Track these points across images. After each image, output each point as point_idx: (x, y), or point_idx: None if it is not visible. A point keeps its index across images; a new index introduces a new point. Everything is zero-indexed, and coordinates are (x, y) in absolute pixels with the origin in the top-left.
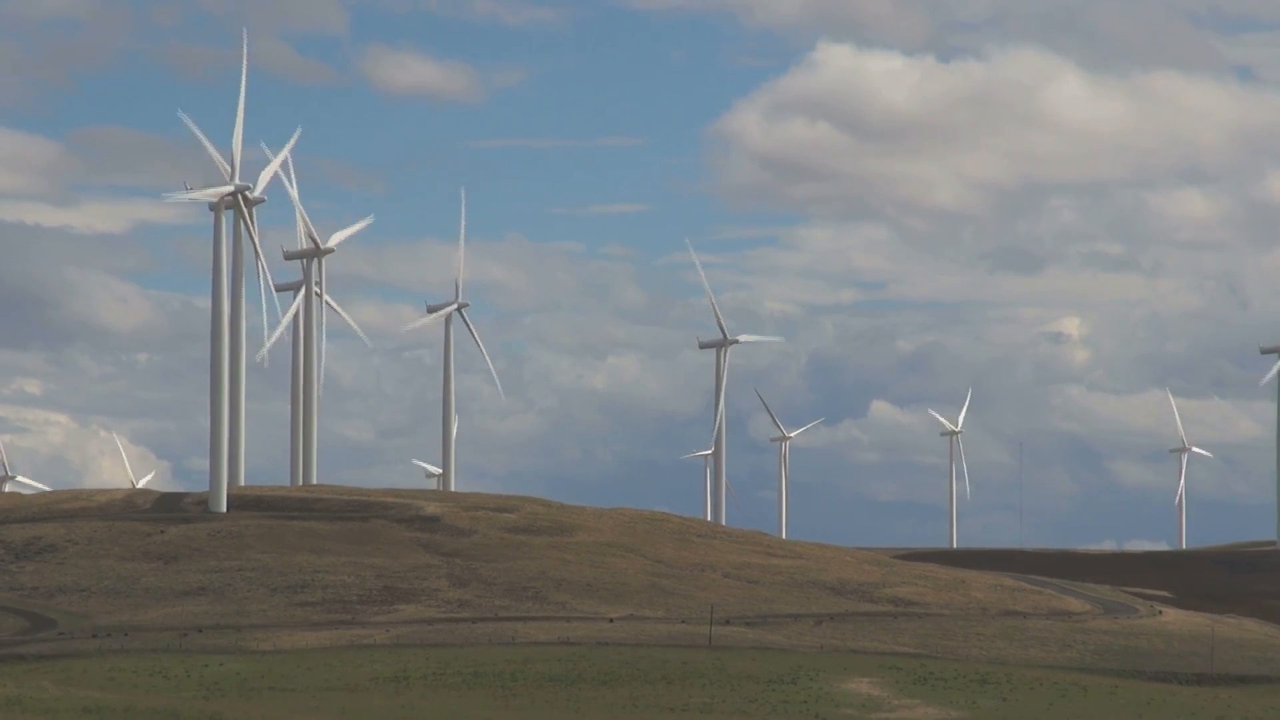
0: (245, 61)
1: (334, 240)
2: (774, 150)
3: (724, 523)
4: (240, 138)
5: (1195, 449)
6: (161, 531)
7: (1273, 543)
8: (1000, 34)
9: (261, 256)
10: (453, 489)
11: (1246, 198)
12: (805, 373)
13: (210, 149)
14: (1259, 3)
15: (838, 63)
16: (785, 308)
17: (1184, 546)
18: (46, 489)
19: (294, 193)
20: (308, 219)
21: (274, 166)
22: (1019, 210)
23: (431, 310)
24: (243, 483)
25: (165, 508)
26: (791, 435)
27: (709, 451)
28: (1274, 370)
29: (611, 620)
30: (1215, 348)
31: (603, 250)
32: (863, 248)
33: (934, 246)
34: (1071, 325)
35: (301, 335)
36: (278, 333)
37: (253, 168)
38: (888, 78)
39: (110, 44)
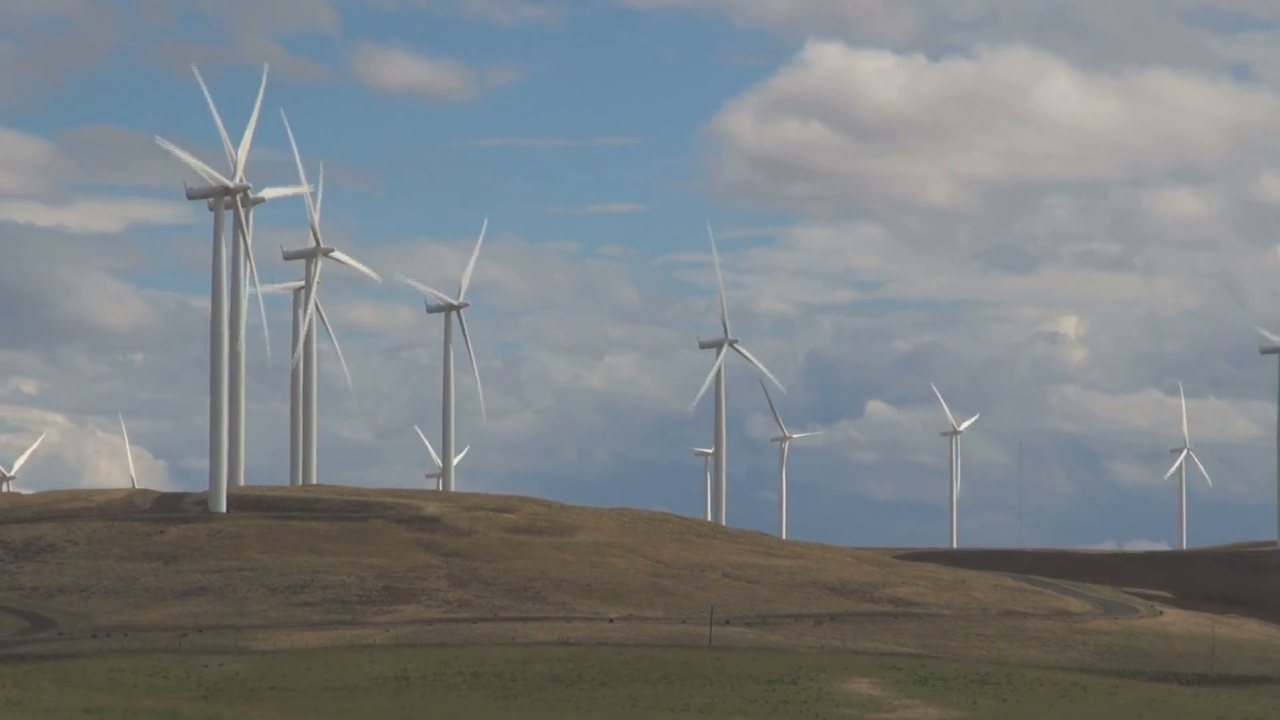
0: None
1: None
2: (767, 150)
3: (724, 523)
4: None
5: (1190, 452)
6: (161, 531)
7: (1273, 543)
8: (992, 33)
9: (251, 256)
10: (453, 489)
11: (1242, 197)
12: (802, 372)
13: (195, 160)
14: (1253, 2)
15: (828, 62)
16: (782, 307)
17: (1184, 546)
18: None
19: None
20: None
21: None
22: (1013, 209)
23: (431, 310)
24: (243, 483)
25: (165, 508)
26: (793, 436)
27: (710, 451)
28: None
29: (611, 620)
30: (1213, 347)
31: (599, 250)
32: (858, 247)
33: (929, 246)
34: (1069, 325)
35: (302, 335)
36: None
37: (255, 167)
38: (879, 77)
39: (102, 43)
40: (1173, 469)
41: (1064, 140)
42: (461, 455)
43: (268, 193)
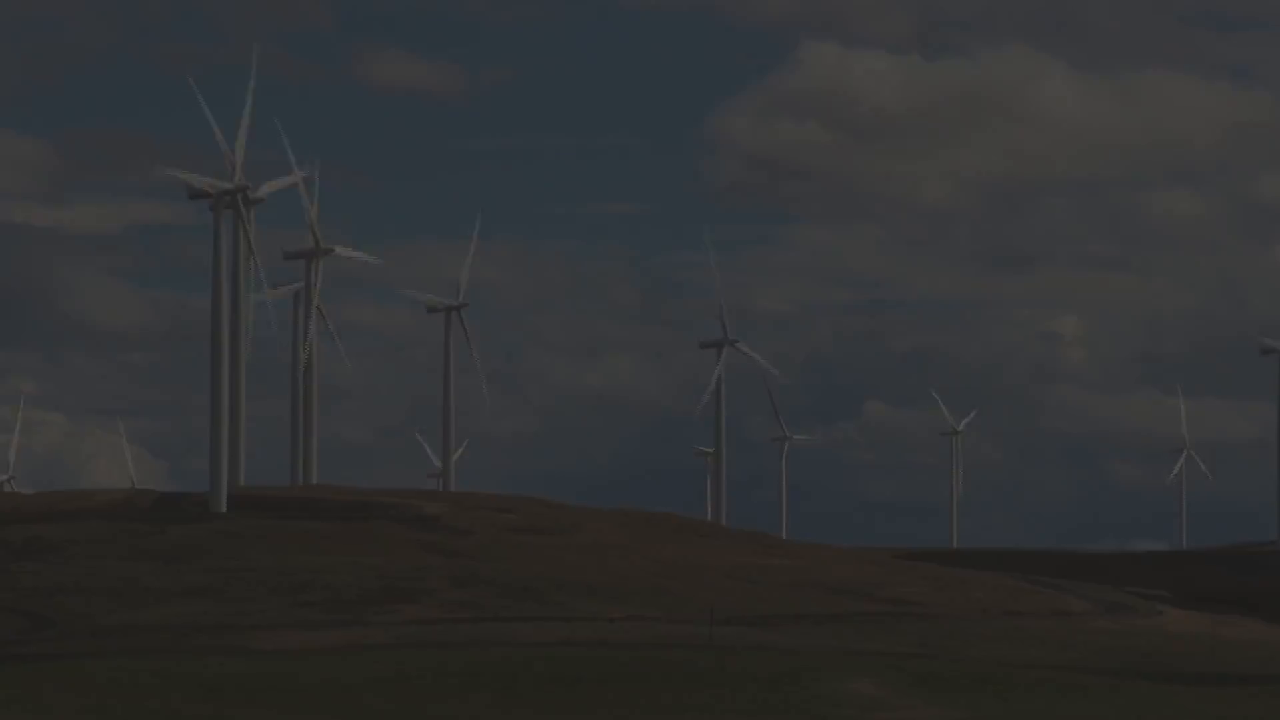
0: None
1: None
2: (764, 149)
3: (724, 522)
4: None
5: (1191, 452)
6: (161, 531)
7: (1273, 543)
8: (989, 32)
9: (256, 255)
10: (453, 489)
11: (1241, 197)
12: (800, 373)
13: (221, 141)
14: (1253, 2)
15: (824, 61)
16: (780, 307)
17: (1184, 546)
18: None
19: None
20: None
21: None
22: (1011, 209)
23: (431, 309)
24: (243, 483)
25: (165, 508)
26: (793, 436)
27: (712, 450)
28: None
29: (611, 620)
30: (1213, 348)
31: (598, 249)
32: (857, 247)
33: (927, 246)
34: (1067, 325)
35: (301, 335)
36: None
37: (253, 168)
38: (876, 76)
39: (99, 42)
40: (1175, 470)
41: (1062, 140)
42: (460, 450)
43: (269, 186)
